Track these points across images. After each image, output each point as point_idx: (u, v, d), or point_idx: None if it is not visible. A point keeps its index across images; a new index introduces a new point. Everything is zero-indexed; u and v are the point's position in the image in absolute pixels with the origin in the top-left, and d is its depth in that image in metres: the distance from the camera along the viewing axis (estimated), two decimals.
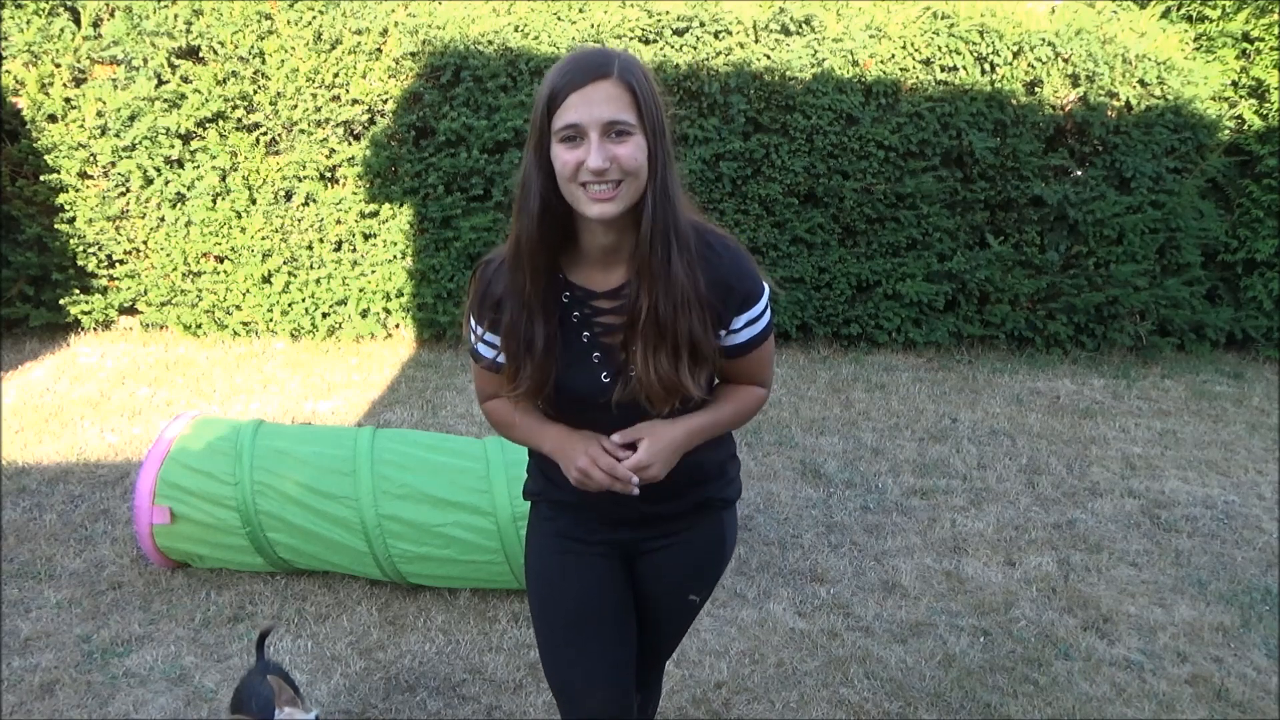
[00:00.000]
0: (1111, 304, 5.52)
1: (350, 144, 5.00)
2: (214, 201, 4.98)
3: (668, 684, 2.61)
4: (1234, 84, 5.55)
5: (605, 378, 1.45)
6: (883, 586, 3.16)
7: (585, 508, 1.61)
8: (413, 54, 4.86)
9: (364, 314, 5.31)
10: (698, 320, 1.39)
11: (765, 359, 1.55)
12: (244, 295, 5.17)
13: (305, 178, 5.00)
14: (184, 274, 5.12)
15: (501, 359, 1.48)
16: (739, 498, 1.71)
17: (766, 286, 1.50)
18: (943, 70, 5.13)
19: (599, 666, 1.64)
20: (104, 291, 5.18)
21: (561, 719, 1.71)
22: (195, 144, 4.92)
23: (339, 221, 5.08)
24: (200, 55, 4.86)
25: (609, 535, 1.64)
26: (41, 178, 4.90)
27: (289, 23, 4.80)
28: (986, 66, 5.16)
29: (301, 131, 4.92)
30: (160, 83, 4.82)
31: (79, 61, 4.79)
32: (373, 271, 5.19)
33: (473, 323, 1.51)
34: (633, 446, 1.46)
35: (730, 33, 5.04)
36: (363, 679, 2.59)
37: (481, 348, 1.52)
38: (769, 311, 1.52)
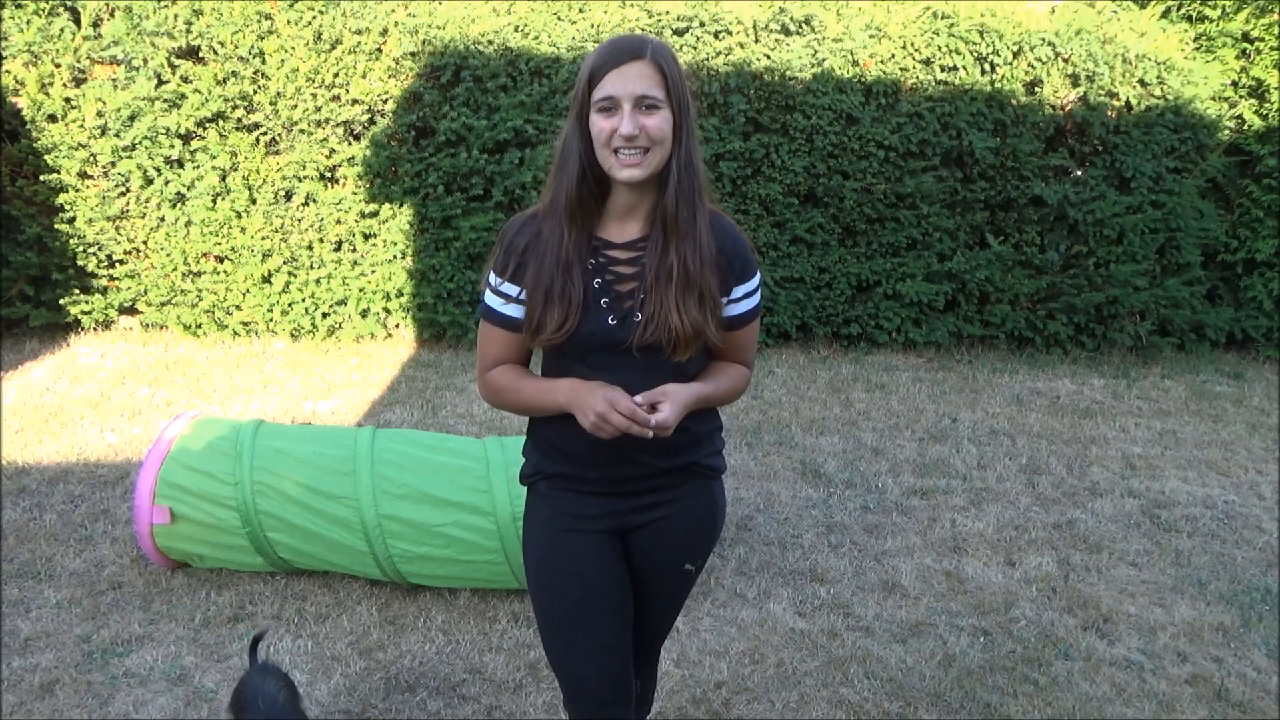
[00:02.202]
0: (1111, 304, 5.53)
1: (350, 144, 5.00)
2: (214, 201, 4.99)
3: (668, 684, 2.61)
4: (1234, 84, 5.55)
5: (611, 320, 1.58)
6: (883, 586, 3.16)
7: (583, 477, 1.67)
8: (413, 54, 4.86)
9: (364, 314, 5.31)
10: (713, 275, 1.58)
11: (753, 338, 1.74)
12: (244, 295, 5.17)
13: (305, 178, 5.00)
14: (184, 274, 5.12)
15: (509, 310, 1.61)
16: (725, 470, 1.82)
17: (759, 271, 1.70)
18: (943, 70, 5.14)
19: (601, 644, 1.69)
20: (104, 291, 5.18)
21: (564, 698, 1.75)
22: (195, 144, 4.92)
23: (339, 221, 5.08)
24: (200, 55, 4.86)
25: (605, 509, 1.69)
26: (41, 178, 4.90)
27: (289, 23, 4.81)
28: (986, 66, 5.17)
29: (301, 131, 4.93)
30: (160, 83, 4.82)
31: (79, 61, 4.79)
32: (373, 271, 5.19)
33: (492, 276, 1.63)
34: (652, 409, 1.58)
35: (730, 33, 5.04)
36: (363, 679, 2.59)
37: (493, 300, 1.63)
38: (760, 293, 1.70)
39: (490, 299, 1.64)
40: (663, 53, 1.51)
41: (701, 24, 5.01)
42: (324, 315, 5.28)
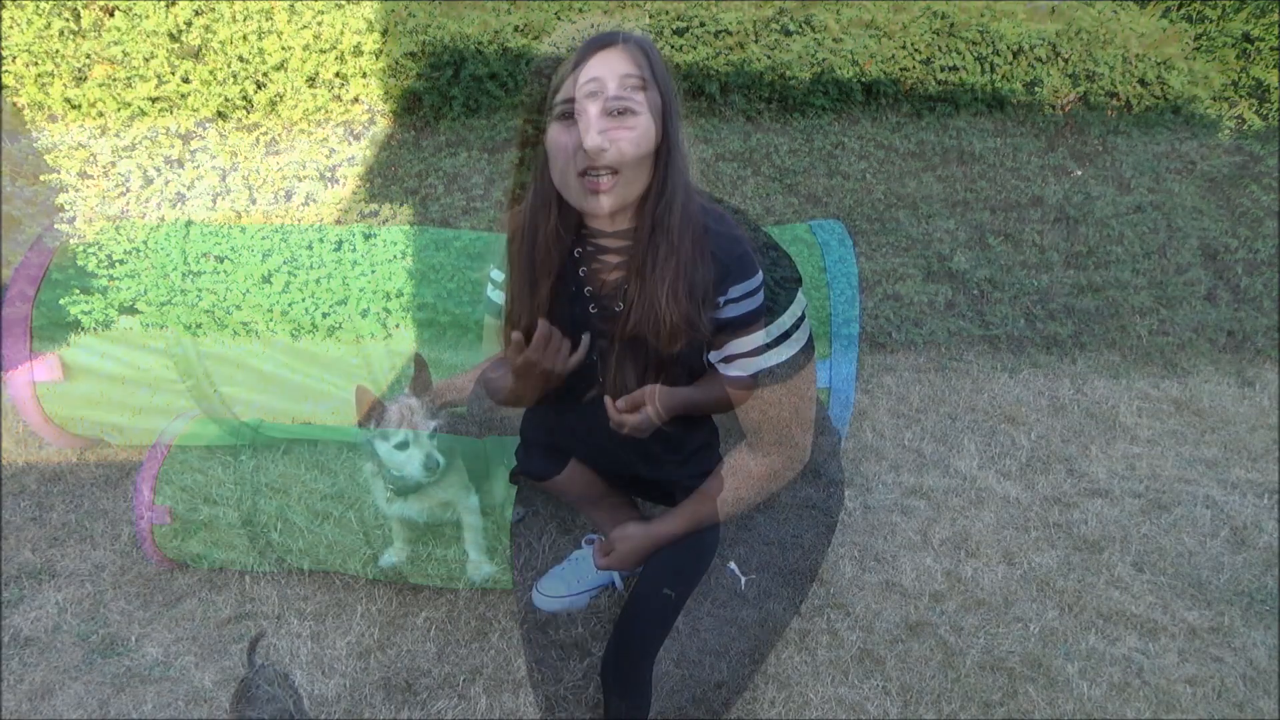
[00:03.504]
0: (1112, 304, 5.53)
1: (350, 144, 5.00)
2: (214, 201, 4.98)
3: (668, 684, 2.60)
4: (1234, 84, 5.55)
5: (592, 309, 1.57)
6: (883, 586, 3.16)
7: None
8: (413, 54, 4.86)
9: (364, 314, 5.30)
10: (705, 266, 1.55)
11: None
12: (244, 295, 5.16)
13: (305, 178, 5.00)
14: (184, 274, 5.12)
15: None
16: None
17: (760, 271, 1.61)
18: (943, 70, 5.14)
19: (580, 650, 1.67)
20: (104, 291, 5.18)
21: (540, 715, 1.72)
22: (195, 144, 4.92)
23: (339, 221, 5.08)
24: (200, 55, 4.86)
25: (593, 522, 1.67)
26: (41, 178, 4.90)
27: (289, 23, 4.80)
28: (986, 66, 5.17)
29: (301, 131, 4.92)
30: (160, 83, 4.82)
31: (79, 61, 4.79)
32: (373, 271, 5.19)
33: (494, 272, 1.65)
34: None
35: (730, 33, 5.04)
36: (363, 679, 2.59)
37: (494, 295, 1.66)
38: (763, 293, 1.60)
39: (492, 293, 1.63)
40: (641, 40, 1.59)
41: (701, 24, 5.01)
42: (324, 315, 5.28)
